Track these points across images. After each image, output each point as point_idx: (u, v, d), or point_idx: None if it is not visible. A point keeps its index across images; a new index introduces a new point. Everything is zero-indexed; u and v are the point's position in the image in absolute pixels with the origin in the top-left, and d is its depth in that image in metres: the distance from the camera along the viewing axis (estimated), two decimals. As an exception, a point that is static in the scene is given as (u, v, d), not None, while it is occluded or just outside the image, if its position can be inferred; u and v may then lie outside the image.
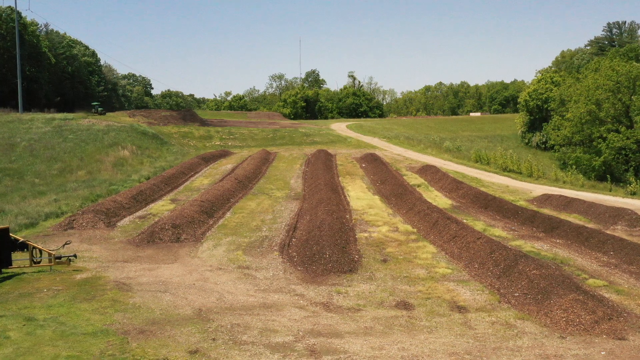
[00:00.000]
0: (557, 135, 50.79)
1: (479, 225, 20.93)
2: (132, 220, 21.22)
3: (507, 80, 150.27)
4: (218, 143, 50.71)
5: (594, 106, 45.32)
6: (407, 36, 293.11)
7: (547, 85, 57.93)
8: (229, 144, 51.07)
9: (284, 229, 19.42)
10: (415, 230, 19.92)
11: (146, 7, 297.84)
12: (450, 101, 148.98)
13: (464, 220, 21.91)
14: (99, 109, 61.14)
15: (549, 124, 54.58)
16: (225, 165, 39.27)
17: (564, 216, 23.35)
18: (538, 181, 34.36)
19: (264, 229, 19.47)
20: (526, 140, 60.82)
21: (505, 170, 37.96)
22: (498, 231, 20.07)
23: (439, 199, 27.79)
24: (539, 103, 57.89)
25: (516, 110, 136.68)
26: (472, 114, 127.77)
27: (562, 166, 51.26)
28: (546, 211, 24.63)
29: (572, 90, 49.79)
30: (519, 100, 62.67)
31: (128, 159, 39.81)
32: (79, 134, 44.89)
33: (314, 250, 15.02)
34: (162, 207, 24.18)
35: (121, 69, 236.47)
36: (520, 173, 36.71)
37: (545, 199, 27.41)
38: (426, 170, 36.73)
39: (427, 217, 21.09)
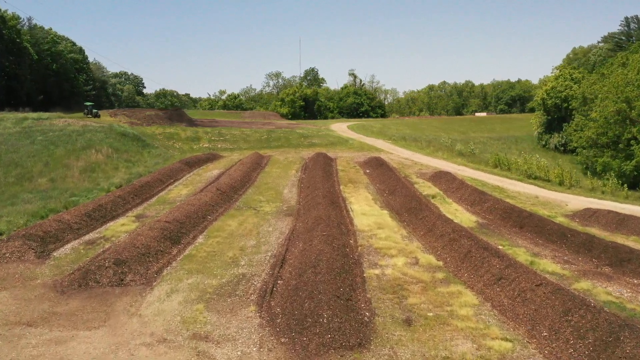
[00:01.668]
0: (580, 137, 46.04)
1: (521, 255, 16.24)
2: (76, 248, 16.48)
3: (513, 80, 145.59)
4: (206, 145, 45.99)
5: (624, 104, 40.57)
6: (409, 34, 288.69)
7: (566, 83, 53.14)
8: (219, 146, 46.32)
9: (268, 263, 14.70)
10: (441, 263, 15.19)
11: (142, 4, 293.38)
12: (455, 101, 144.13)
13: (500, 247, 17.26)
14: (93, 110, 54.44)
15: (569, 125, 49.80)
16: (211, 171, 34.58)
17: (621, 239, 18.68)
18: (571, 191, 29.63)
19: (242, 263, 14.74)
20: (543, 142, 55.97)
21: (530, 177, 33.24)
22: (549, 264, 15.37)
23: (460, 215, 23.09)
24: (557, 102, 53.05)
25: (523, 110, 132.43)
26: (477, 114, 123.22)
27: (585, 171, 46.59)
28: (595, 231, 19.98)
29: (598, 87, 45.05)
30: (535, 98, 57.95)
31: (101, 163, 35.12)
32: (49, 136, 40.19)
33: (306, 308, 10.29)
34: (121, 227, 19.47)
35: (113, 68, 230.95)
36: (549, 181, 31.99)
37: (590, 215, 22.69)
38: (440, 178, 32.02)
39: (455, 243, 16.36)
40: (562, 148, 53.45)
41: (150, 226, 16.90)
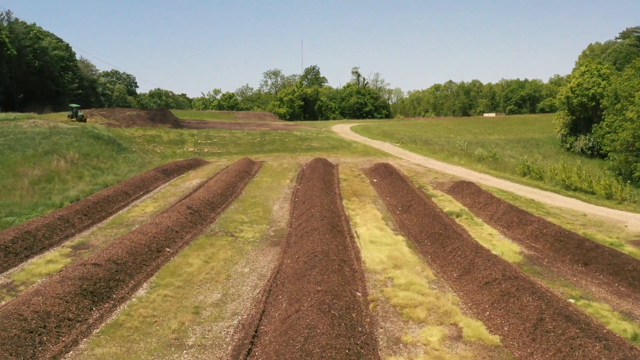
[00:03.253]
0: (614, 140, 40.67)
1: (609, 318, 11.05)
2: (-44, 307, 11.24)
3: (521, 79, 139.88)
4: (191, 149, 40.80)
5: (669, 102, 35.22)
6: (414, 32, 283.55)
7: (593, 79, 47.80)
8: (205, 150, 41.11)
9: (230, 343, 9.46)
10: (497, 339, 9.92)
11: (140, 2, 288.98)
12: (462, 101, 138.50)
13: (571, 300, 12.06)
14: (79, 113, 46.74)
15: (599, 126, 44.43)
16: (190, 181, 29.40)
17: None
18: (624, 206, 24.32)
19: (190, 341, 9.51)
20: (567, 145, 50.50)
21: (569, 188, 27.94)
22: (662, 339, 10.08)
23: (498, 242, 17.88)
24: (584, 100, 47.67)
25: (533, 111, 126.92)
26: (485, 115, 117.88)
27: (618, 177, 41.15)
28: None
29: (635, 82, 39.69)
30: (557, 96, 52.58)
31: (62, 172, 29.96)
32: (8, 139, 35.03)
33: None
34: (46, 265, 14.26)
35: (105, 67, 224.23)
36: (593, 193, 26.68)
37: (669, 244, 17.39)
38: (462, 189, 26.75)
39: (512, 301, 11.12)
40: (590, 152, 48.02)
41: (64, 275, 11.60)
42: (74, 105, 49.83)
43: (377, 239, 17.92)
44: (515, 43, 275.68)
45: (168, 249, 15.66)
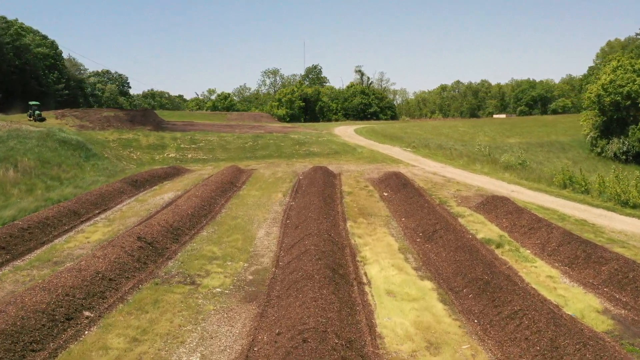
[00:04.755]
0: (657, 143, 35.39)
1: None
2: None
3: (532, 79, 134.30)
4: (172, 155, 35.70)
5: None
6: (419, 31, 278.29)
7: (627, 75, 42.50)
8: (189, 156, 36.00)
9: None
10: None
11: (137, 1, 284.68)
12: (470, 102, 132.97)
13: None
14: (36, 112, 42.33)
15: (637, 127, 39.11)
16: (163, 195, 24.30)
17: None
18: None
19: None
20: (598, 149, 45.19)
21: (627, 204, 22.67)
22: None
23: (564, 291, 12.83)
24: (617, 98, 42.34)
25: (544, 112, 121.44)
26: (495, 116, 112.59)
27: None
28: None
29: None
30: (587, 95, 47.29)
31: (8, 184, 24.95)
32: (-45, 144, 30.06)
33: None
34: None
35: (96, 67, 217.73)
36: (660, 212, 21.40)
37: None
38: (495, 207, 21.45)
39: None
40: (624, 157, 42.66)
41: None
42: (33, 103, 44.16)
43: (396, 287, 12.77)
44: (524, 42, 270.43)
45: (87, 314, 10.48)
